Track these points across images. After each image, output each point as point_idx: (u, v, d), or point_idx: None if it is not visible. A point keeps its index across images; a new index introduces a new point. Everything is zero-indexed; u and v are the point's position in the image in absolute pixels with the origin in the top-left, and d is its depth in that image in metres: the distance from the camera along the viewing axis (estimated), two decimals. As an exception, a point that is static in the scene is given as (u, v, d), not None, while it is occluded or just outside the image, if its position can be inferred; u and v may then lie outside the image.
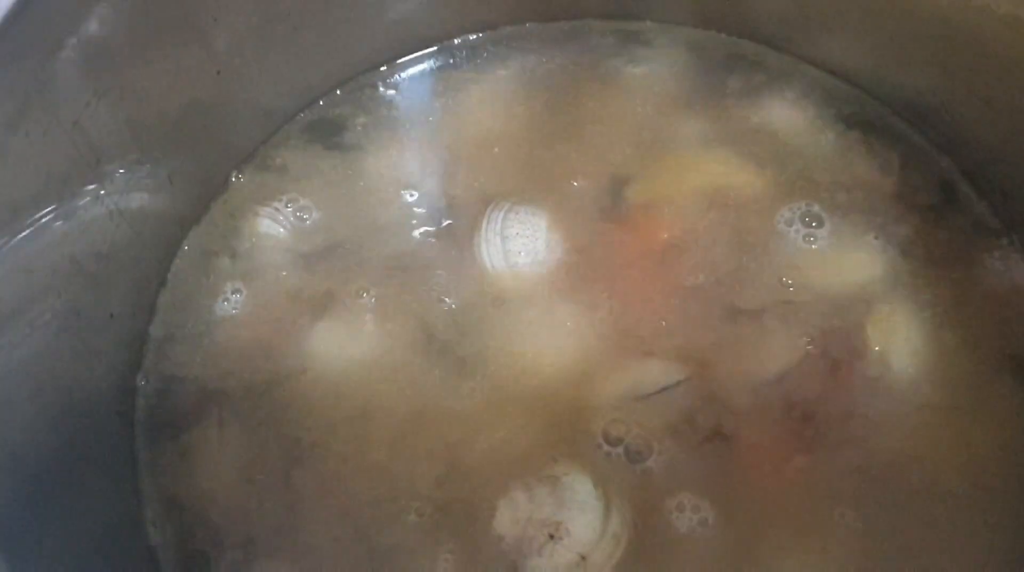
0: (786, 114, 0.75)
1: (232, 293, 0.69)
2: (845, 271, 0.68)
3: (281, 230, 0.71)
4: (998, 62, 0.65)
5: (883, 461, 0.62)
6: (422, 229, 0.70)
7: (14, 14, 0.48)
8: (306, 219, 0.71)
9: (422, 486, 0.61)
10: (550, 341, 0.65)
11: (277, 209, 0.71)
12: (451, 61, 0.78)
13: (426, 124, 0.76)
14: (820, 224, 0.70)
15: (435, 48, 0.79)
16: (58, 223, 0.56)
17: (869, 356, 0.65)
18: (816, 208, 0.71)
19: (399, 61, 0.78)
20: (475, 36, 0.79)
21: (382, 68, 0.78)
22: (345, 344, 0.66)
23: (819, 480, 0.62)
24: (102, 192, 0.60)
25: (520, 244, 0.69)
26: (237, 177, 0.73)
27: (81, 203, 0.58)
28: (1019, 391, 0.65)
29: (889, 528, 0.60)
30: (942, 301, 0.67)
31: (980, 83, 0.68)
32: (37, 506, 0.54)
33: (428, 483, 0.61)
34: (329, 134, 0.75)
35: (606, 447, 0.62)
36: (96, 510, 0.60)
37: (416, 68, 0.78)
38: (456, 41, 0.79)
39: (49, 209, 0.55)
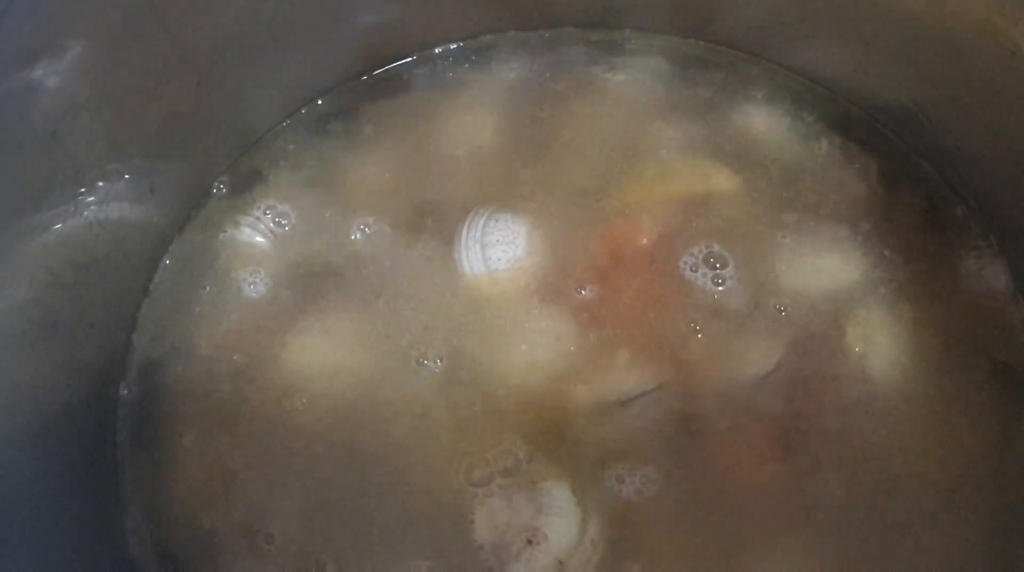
0: (764, 120, 0.76)
1: (214, 302, 0.69)
2: (824, 274, 0.69)
3: (262, 239, 0.71)
4: (973, 67, 0.66)
5: (866, 454, 0.63)
6: (402, 236, 0.71)
7: (-10, 26, 0.49)
8: (286, 226, 0.72)
9: (400, 491, 0.62)
10: (529, 347, 0.66)
11: (258, 218, 0.72)
12: (432, 71, 0.79)
13: (407, 132, 0.76)
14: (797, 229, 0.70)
15: (415, 57, 0.79)
16: (36, 233, 0.57)
17: (849, 357, 0.66)
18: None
19: (379, 71, 0.78)
20: (456, 45, 0.80)
21: (363, 78, 0.78)
22: (324, 350, 0.66)
23: (802, 475, 0.62)
24: (82, 203, 0.60)
25: (500, 251, 0.69)
26: (219, 187, 0.73)
27: (60, 214, 0.59)
28: (995, 389, 0.65)
29: (873, 509, 0.61)
30: (921, 303, 0.68)
31: (956, 88, 0.69)
32: (15, 516, 0.54)
33: (406, 488, 0.62)
34: (310, 144, 0.75)
35: (583, 451, 0.62)
36: (75, 519, 0.60)
37: (397, 78, 0.79)
38: (437, 50, 0.79)
39: (27, 219, 0.56)
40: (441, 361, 0.66)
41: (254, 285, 0.69)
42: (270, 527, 0.62)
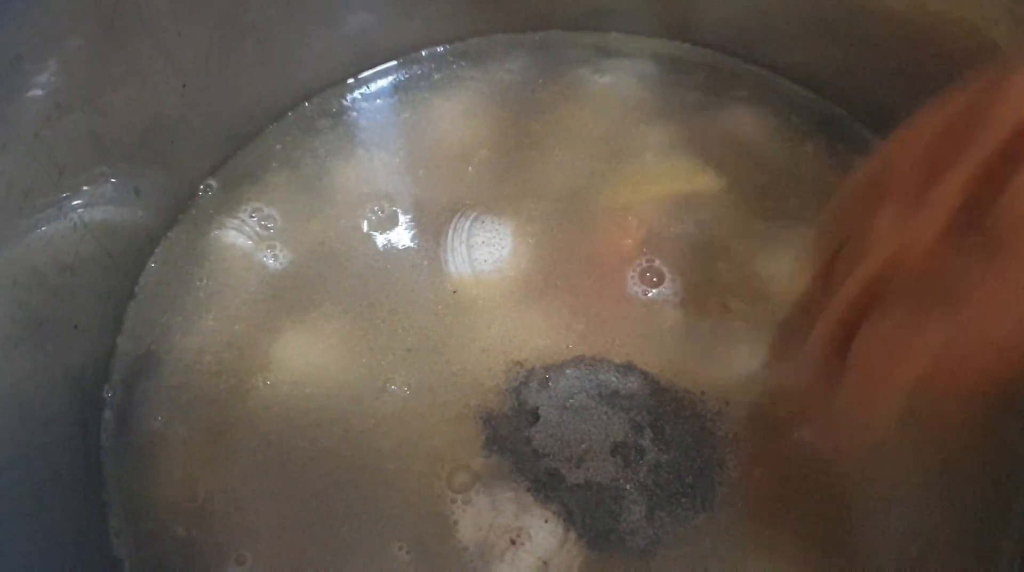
0: (750, 121, 0.76)
1: (200, 305, 0.69)
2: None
3: (248, 242, 0.71)
4: (956, 66, 0.66)
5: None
6: (387, 238, 0.71)
7: (-28, 27, 0.49)
8: (271, 229, 0.72)
9: (385, 495, 0.61)
10: (515, 348, 0.66)
11: (243, 221, 0.72)
12: (418, 73, 0.79)
13: (393, 135, 0.76)
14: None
15: (401, 60, 0.79)
16: (20, 235, 0.56)
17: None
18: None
19: (365, 74, 0.79)
20: (442, 48, 0.80)
21: (349, 81, 0.78)
22: (309, 353, 0.66)
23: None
24: (66, 205, 0.60)
25: (486, 252, 0.69)
26: (204, 190, 0.73)
27: (44, 215, 0.58)
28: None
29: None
30: (906, 303, 0.68)
31: (940, 88, 0.68)
32: (2, 513, 0.53)
33: (390, 490, 0.61)
34: (296, 146, 0.76)
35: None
36: (59, 520, 0.60)
37: (383, 80, 0.79)
38: (423, 53, 0.79)
39: (10, 220, 0.55)
40: (426, 363, 0.66)
41: (238, 287, 0.69)
42: (247, 541, 0.61)
